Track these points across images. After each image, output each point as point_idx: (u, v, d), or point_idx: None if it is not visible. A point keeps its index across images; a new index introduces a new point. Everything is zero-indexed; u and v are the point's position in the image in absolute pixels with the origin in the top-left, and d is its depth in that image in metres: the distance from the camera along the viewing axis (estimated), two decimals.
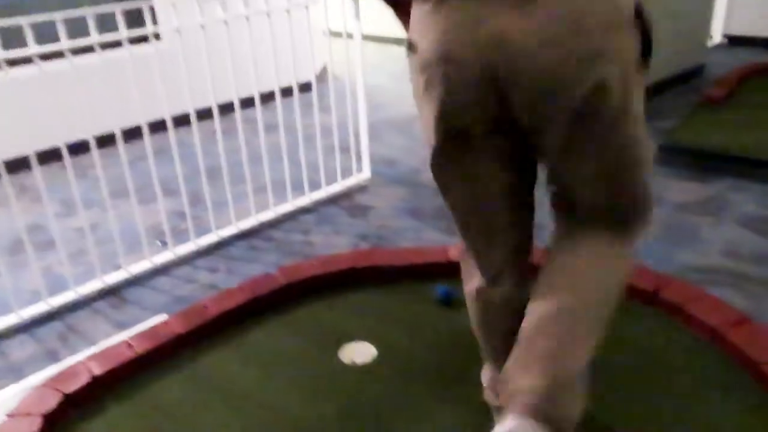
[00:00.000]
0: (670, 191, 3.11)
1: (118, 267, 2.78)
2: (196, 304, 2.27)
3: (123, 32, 2.48)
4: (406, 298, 2.31)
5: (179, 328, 2.12)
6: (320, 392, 1.89)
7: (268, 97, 3.09)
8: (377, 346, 2.07)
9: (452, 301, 2.25)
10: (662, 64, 4.20)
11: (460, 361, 1.95)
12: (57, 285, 2.67)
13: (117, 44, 2.52)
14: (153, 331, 2.13)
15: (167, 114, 2.73)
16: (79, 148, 3.27)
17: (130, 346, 2.04)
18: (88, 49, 2.50)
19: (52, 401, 1.83)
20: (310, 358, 2.04)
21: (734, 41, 5.92)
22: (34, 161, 2.42)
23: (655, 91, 4.29)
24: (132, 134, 3.22)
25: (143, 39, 2.66)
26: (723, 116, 3.86)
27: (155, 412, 1.86)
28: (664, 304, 2.10)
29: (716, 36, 5.84)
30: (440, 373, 1.91)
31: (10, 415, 1.80)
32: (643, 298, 2.12)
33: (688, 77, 4.76)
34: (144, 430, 1.80)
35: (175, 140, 2.77)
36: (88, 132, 2.57)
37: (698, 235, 2.70)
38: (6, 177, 2.41)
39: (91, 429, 1.81)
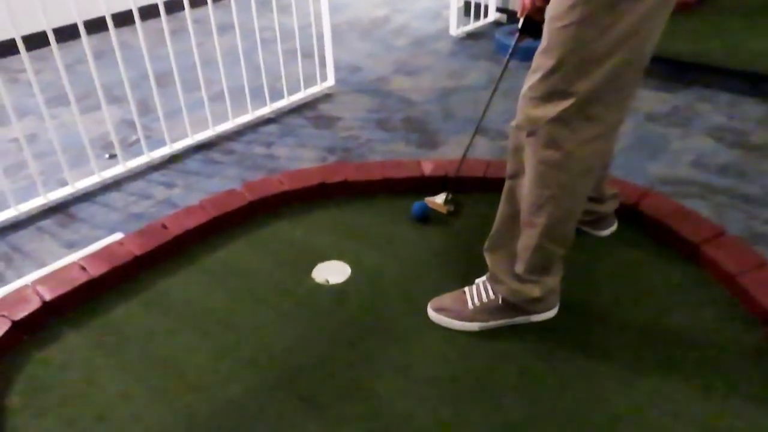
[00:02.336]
0: (640, 101, 3.04)
1: (63, 182, 2.55)
2: (155, 222, 2.10)
3: None
4: (379, 214, 2.20)
5: (137, 248, 1.96)
6: (293, 314, 1.79)
7: None
8: (350, 265, 1.97)
9: (428, 219, 2.15)
10: None
11: (435, 279, 1.88)
12: None
13: None
14: (108, 251, 1.95)
15: (106, 11, 2.42)
16: (5, 49, 2.90)
17: (83, 268, 1.88)
18: None
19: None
20: (281, 278, 1.92)
21: None
22: None
23: None
24: (67, 34, 2.88)
25: None
26: (694, 23, 3.75)
27: (116, 338, 1.73)
28: (642, 217, 2.06)
29: None
30: (416, 291, 1.83)
31: None
32: (622, 211, 2.07)
33: None
34: (103, 355, 1.67)
35: (117, 41, 2.48)
36: (15, 31, 2.25)
37: (667, 146, 2.66)
38: None
39: (47, 358, 1.67)
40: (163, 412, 1.51)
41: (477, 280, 1.78)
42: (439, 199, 2.20)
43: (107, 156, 2.77)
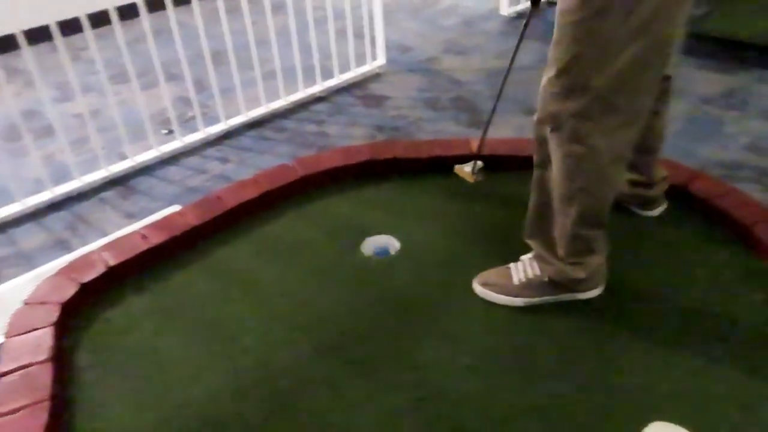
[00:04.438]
0: (694, 83, 2.96)
1: (123, 156, 2.67)
2: (211, 194, 2.18)
3: None
4: (427, 191, 2.22)
5: (194, 219, 2.04)
6: (342, 283, 1.85)
7: None
8: (398, 239, 2.01)
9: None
10: None
11: (480, 254, 1.90)
12: (60, 174, 2.57)
13: None
14: (167, 221, 2.05)
15: None
16: (68, 28, 3.00)
17: (144, 237, 1.97)
18: None
19: (68, 290, 1.78)
20: (331, 250, 1.98)
21: None
22: (22, 41, 2.24)
23: None
24: (125, 13, 2.98)
25: None
26: (754, 3, 3.59)
27: (175, 303, 1.82)
28: (692, 199, 2.03)
29: None
30: (461, 266, 1.86)
31: (27, 303, 1.76)
32: (671, 192, 2.05)
33: None
34: (164, 319, 1.76)
35: (175, 20, 2.56)
36: (80, 9, 2.35)
37: (721, 129, 2.60)
38: None
39: (111, 318, 1.78)
40: (218, 373, 1.59)
41: (523, 257, 1.79)
42: (468, 167, 2.21)
43: (164, 132, 2.87)
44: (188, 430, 1.46)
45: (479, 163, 2.21)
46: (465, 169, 2.21)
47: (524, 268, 1.75)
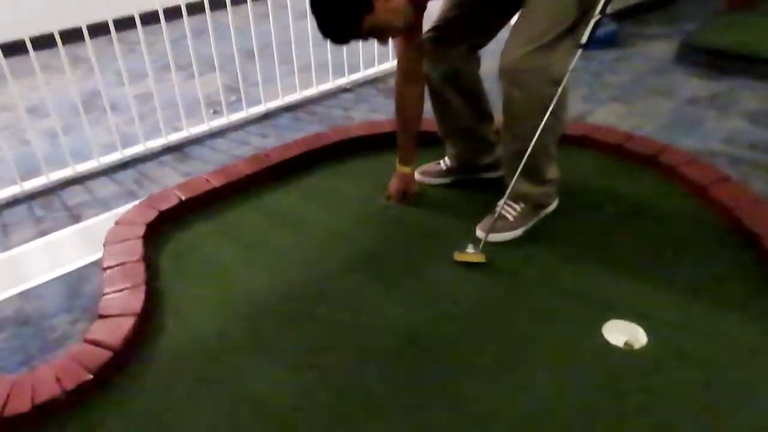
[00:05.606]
0: (682, 87, 3.31)
1: (178, 128, 3.12)
2: (260, 153, 2.63)
3: None
4: (440, 155, 2.62)
5: (247, 169, 2.49)
6: (367, 220, 2.27)
7: None
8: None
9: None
10: None
11: (483, 201, 2.27)
12: (127, 140, 3.01)
13: None
14: (225, 170, 2.50)
15: None
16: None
17: (208, 180, 2.42)
18: None
19: (150, 215, 2.22)
20: (358, 197, 2.41)
21: None
22: (113, 29, 2.72)
23: None
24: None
25: None
26: (744, 19, 3.92)
27: (232, 229, 2.26)
28: (661, 167, 2.43)
29: None
30: (463, 210, 2.28)
31: (118, 223, 2.19)
32: (643, 161, 2.46)
33: None
34: (224, 240, 2.20)
35: (232, 20, 3.03)
36: (158, 3, 2.83)
37: (702, 125, 2.92)
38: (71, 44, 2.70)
39: (182, 237, 2.22)
40: (267, 278, 2.01)
41: (505, 203, 2.14)
42: (469, 249, 2.05)
43: (212, 111, 3.33)
44: (244, 314, 1.87)
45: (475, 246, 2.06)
46: (468, 252, 2.04)
47: (511, 207, 2.15)
